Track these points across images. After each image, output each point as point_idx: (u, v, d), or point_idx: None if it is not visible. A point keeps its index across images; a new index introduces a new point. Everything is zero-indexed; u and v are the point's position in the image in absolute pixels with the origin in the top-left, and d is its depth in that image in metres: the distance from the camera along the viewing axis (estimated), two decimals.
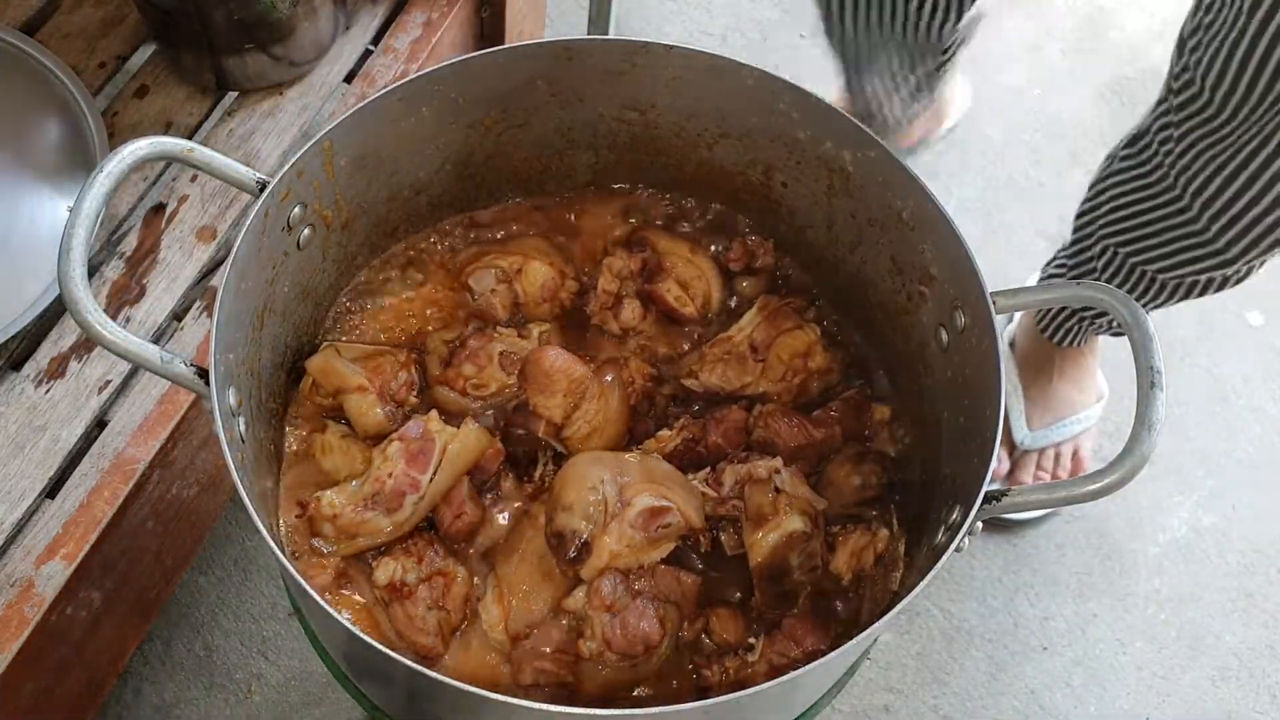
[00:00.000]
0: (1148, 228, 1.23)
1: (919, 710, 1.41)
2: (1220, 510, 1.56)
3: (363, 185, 0.93)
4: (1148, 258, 1.26)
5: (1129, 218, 1.25)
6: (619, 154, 1.03)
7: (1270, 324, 1.71)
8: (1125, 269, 1.30)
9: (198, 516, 1.18)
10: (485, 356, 0.92)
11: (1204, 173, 1.12)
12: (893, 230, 0.92)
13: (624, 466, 0.85)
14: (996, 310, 0.81)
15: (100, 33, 1.28)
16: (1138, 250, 1.26)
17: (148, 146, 0.78)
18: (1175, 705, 1.43)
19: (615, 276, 0.98)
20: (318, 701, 1.35)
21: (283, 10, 1.17)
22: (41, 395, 1.06)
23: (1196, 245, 1.19)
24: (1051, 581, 1.50)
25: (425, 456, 0.86)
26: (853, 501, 0.90)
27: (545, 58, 0.93)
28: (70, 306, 0.73)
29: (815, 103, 0.90)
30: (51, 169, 1.17)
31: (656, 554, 0.84)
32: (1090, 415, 1.53)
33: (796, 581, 0.85)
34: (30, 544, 1.01)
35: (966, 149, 1.83)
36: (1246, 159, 1.07)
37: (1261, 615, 1.49)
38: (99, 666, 1.12)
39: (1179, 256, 1.22)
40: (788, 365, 0.95)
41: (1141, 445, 0.73)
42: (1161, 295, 1.31)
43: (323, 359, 0.91)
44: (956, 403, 0.87)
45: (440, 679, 0.69)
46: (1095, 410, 1.54)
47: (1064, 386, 1.53)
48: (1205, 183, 1.12)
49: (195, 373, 0.76)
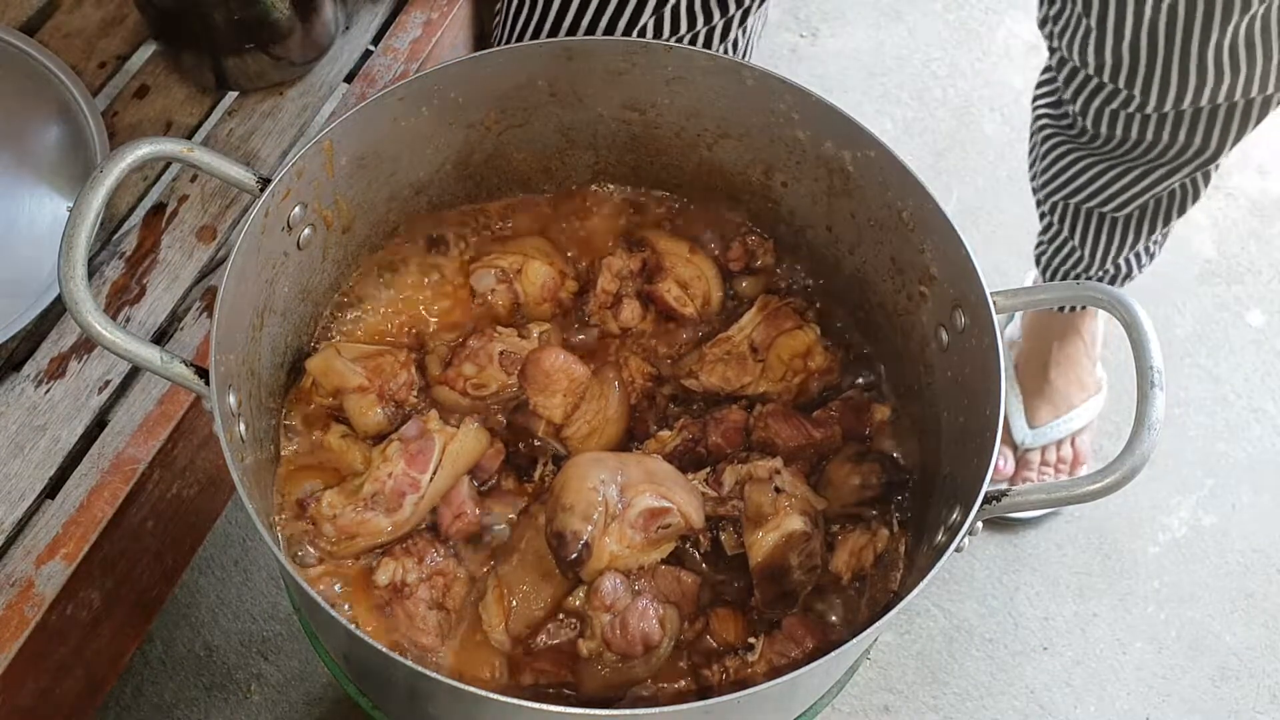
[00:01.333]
0: (1086, 166, 1.29)
1: (919, 710, 1.41)
2: (1220, 510, 1.56)
3: (363, 185, 0.93)
4: (1101, 198, 1.31)
5: (1067, 166, 1.31)
6: (619, 154, 1.03)
7: (1270, 324, 1.71)
8: (1091, 220, 1.36)
9: (198, 516, 1.18)
10: (485, 356, 0.92)
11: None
12: (893, 230, 0.92)
13: (624, 467, 0.85)
14: (996, 310, 0.81)
15: (100, 33, 1.27)
16: (1085, 194, 1.31)
17: (148, 147, 0.78)
18: (1175, 705, 1.43)
19: (615, 276, 0.98)
20: (318, 701, 1.35)
21: (283, 10, 1.17)
22: (41, 395, 1.06)
23: (1153, 156, 1.24)
24: (1051, 581, 1.50)
25: (425, 456, 0.86)
26: (853, 501, 0.90)
27: (545, 58, 0.93)
28: (70, 306, 0.73)
29: (815, 103, 0.90)
30: (51, 169, 1.17)
31: (657, 554, 0.84)
32: (1090, 408, 1.54)
33: (796, 581, 0.85)
34: (30, 544, 1.00)
35: (966, 149, 1.83)
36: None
37: (1261, 615, 1.49)
38: (99, 666, 1.12)
39: (1133, 174, 1.27)
40: (788, 365, 0.95)
41: (1141, 445, 0.74)
42: (1141, 234, 1.36)
43: (323, 359, 0.91)
44: (956, 403, 0.87)
45: (440, 679, 0.69)
46: (1095, 402, 1.55)
47: (1061, 380, 1.53)
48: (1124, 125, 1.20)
49: (195, 373, 0.76)
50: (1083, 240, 1.38)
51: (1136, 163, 1.25)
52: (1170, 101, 1.14)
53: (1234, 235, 1.79)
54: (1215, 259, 1.76)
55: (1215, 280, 1.75)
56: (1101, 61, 1.14)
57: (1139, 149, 1.23)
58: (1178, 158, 1.23)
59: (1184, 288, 1.73)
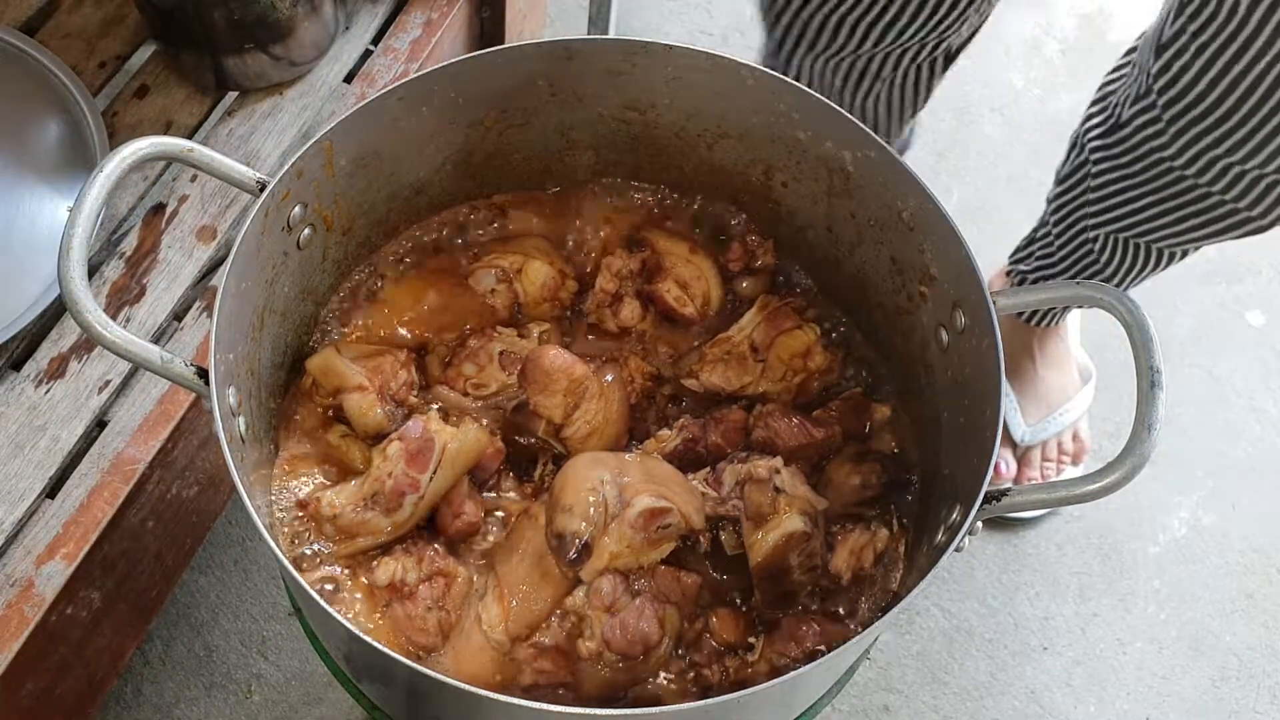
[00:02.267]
0: (1150, 209, 1.24)
1: (919, 710, 1.41)
2: (1220, 510, 1.56)
3: (363, 185, 0.93)
4: (1156, 236, 1.27)
5: (1123, 204, 1.26)
6: (619, 154, 1.03)
7: (1270, 324, 1.71)
8: (1123, 247, 1.32)
9: (198, 516, 1.18)
10: (485, 356, 0.93)
11: (1207, 155, 1.13)
12: (893, 230, 0.92)
13: (624, 467, 0.85)
14: (997, 310, 0.81)
15: (100, 33, 1.28)
16: (1142, 231, 1.27)
17: (148, 146, 0.78)
18: (1175, 705, 1.43)
19: (614, 276, 0.98)
20: (318, 701, 1.35)
21: (283, 10, 1.17)
22: (41, 395, 1.06)
23: (1227, 215, 1.18)
24: (1051, 581, 1.50)
25: (425, 456, 0.86)
26: (853, 501, 0.90)
27: (545, 58, 0.93)
28: (70, 306, 0.73)
29: (815, 103, 0.90)
30: (51, 169, 1.17)
31: (656, 554, 0.84)
32: (1083, 398, 1.54)
33: (796, 581, 0.85)
34: (30, 544, 1.01)
35: (966, 149, 1.83)
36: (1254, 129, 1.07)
37: (1261, 615, 1.49)
38: (99, 666, 1.12)
39: (1201, 229, 1.22)
40: (788, 365, 0.95)
41: (1141, 445, 0.73)
42: (1170, 261, 1.33)
43: (322, 358, 0.91)
44: (956, 403, 0.87)
45: (440, 679, 0.69)
46: (1087, 391, 1.55)
47: (1049, 374, 1.53)
48: (1209, 164, 1.13)
49: (195, 373, 0.76)
50: (1118, 263, 1.34)
51: (1243, 213, 1.18)
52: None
53: None
54: (1215, 259, 1.76)
55: (1215, 280, 1.75)
56: (1232, 91, 1.05)
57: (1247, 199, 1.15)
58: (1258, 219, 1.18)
59: (1184, 288, 1.73)
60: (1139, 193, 1.24)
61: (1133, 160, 1.22)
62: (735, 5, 1.96)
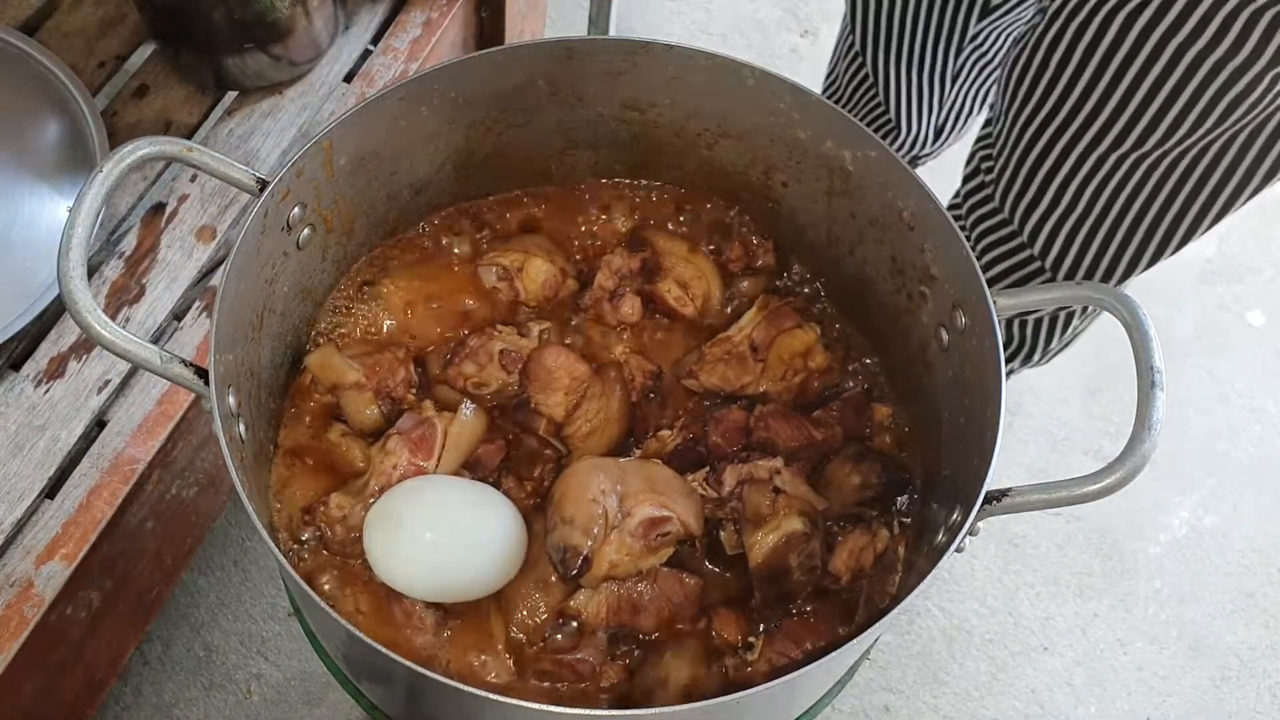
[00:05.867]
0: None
1: (919, 710, 1.41)
2: (1220, 510, 1.56)
3: (363, 185, 0.93)
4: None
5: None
6: (619, 154, 1.03)
7: (1270, 324, 1.71)
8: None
9: (198, 516, 1.18)
10: (485, 355, 0.92)
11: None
12: (893, 230, 0.92)
13: (624, 474, 0.85)
14: (997, 310, 0.81)
15: (100, 33, 1.27)
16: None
17: (148, 146, 0.78)
18: (1176, 705, 1.43)
19: (614, 274, 0.98)
20: (318, 701, 1.35)
21: (282, 10, 1.17)
22: (41, 395, 1.06)
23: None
24: (1051, 581, 1.50)
25: (429, 442, 0.86)
26: (853, 501, 0.90)
27: (545, 58, 0.93)
28: (70, 306, 0.73)
29: (815, 103, 0.90)
30: (51, 169, 1.17)
31: (654, 560, 0.84)
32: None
33: (796, 581, 0.85)
34: (30, 544, 1.00)
35: (966, 148, 1.83)
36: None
37: (1261, 615, 1.49)
38: (99, 666, 1.12)
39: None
40: (788, 365, 0.95)
41: (1141, 445, 0.73)
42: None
43: (321, 354, 0.91)
44: (956, 403, 0.87)
45: (440, 679, 0.69)
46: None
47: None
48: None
49: (195, 373, 0.76)
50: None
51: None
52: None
53: (1234, 235, 1.79)
54: (1215, 259, 1.76)
55: (1215, 280, 1.75)
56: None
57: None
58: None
59: (1184, 288, 1.73)
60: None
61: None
62: (735, 5, 1.96)
